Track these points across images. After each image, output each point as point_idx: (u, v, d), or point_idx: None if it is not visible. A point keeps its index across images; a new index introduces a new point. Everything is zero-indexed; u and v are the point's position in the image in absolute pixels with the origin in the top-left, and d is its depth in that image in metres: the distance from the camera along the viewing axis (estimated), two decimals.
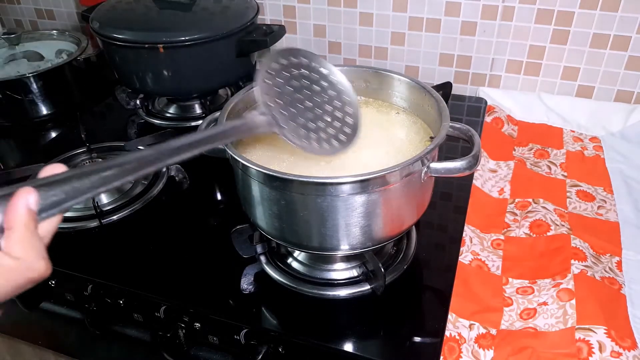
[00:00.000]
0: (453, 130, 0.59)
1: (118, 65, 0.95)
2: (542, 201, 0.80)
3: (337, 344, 0.58)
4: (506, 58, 1.02)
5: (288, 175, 0.51)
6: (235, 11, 0.92)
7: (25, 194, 0.30)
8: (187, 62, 0.90)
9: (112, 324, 0.71)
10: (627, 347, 0.57)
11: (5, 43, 1.14)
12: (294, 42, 1.16)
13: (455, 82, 1.06)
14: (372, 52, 1.11)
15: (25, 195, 0.30)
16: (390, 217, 0.57)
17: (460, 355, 0.60)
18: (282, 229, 0.58)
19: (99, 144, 0.93)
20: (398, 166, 0.51)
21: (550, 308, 0.63)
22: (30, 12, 1.39)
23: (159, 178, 0.84)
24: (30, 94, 1.03)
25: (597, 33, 0.94)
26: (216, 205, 0.83)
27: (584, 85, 1.00)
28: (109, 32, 0.89)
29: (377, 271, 0.61)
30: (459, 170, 0.55)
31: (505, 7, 0.96)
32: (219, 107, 1.01)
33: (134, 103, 1.03)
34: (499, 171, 0.88)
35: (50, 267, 0.31)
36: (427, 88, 0.64)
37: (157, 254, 0.72)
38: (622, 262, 0.70)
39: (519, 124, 1.00)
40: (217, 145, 0.46)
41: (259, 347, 0.60)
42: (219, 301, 0.64)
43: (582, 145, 0.93)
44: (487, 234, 0.76)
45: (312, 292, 0.64)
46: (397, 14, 1.04)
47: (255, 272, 0.67)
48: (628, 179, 0.85)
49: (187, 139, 0.42)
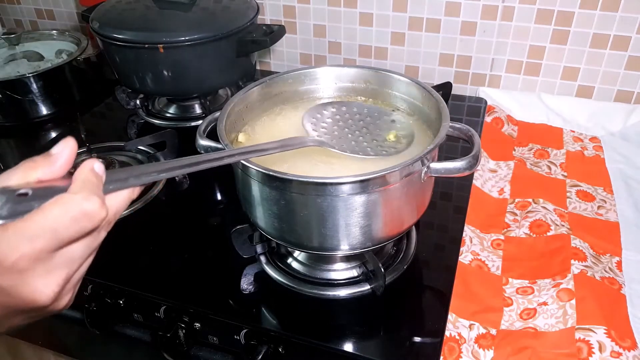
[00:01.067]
0: (453, 130, 0.59)
1: (118, 65, 0.95)
2: (542, 201, 0.80)
3: (337, 344, 0.58)
4: (506, 58, 1.02)
5: (288, 175, 0.51)
6: (235, 11, 0.92)
7: (91, 160, 0.35)
8: (187, 62, 0.90)
9: (112, 324, 0.71)
10: (627, 347, 0.57)
11: (5, 43, 1.14)
12: (294, 42, 1.16)
13: (455, 82, 1.06)
14: (372, 52, 1.11)
15: (90, 161, 0.35)
16: (390, 217, 0.57)
17: (460, 355, 0.60)
18: (282, 229, 0.58)
19: (99, 144, 0.93)
20: (398, 166, 0.51)
21: (550, 308, 0.63)
22: (30, 12, 1.39)
23: None
24: (30, 94, 1.03)
25: (597, 33, 0.94)
26: (216, 205, 0.83)
27: (584, 85, 1.00)
28: (109, 32, 0.89)
29: (377, 271, 0.61)
30: (459, 170, 0.55)
31: (505, 7, 0.96)
32: (219, 107, 1.01)
33: (134, 103, 1.03)
34: (499, 171, 0.88)
35: (106, 209, 0.33)
36: (427, 88, 0.64)
37: (157, 254, 0.72)
38: (622, 262, 0.70)
39: (519, 124, 1.00)
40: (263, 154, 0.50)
41: (259, 347, 0.60)
42: (219, 301, 0.64)
43: (582, 145, 0.93)
44: (487, 234, 0.76)
45: (312, 292, 0.64)
46: (397, 14, 1.04)
47: (255, 272, 0.67)
48: (628, 179, 0.85)
49: (249, 148, 0.48)
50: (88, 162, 0.35)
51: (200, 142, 0.60)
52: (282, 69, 1.20)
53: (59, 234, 0.32)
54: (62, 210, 0.31)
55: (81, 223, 0.32)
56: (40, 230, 0.31)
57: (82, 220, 0.32)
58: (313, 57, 1.17)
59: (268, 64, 1.23)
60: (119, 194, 0.36)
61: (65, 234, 0.32)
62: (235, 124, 0.65)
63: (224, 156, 0.43)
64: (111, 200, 0.35)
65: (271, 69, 1.23)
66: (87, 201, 0.32)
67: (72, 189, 0.33)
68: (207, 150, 0.60)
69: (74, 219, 0.32)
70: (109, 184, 0.35)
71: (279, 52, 1.20)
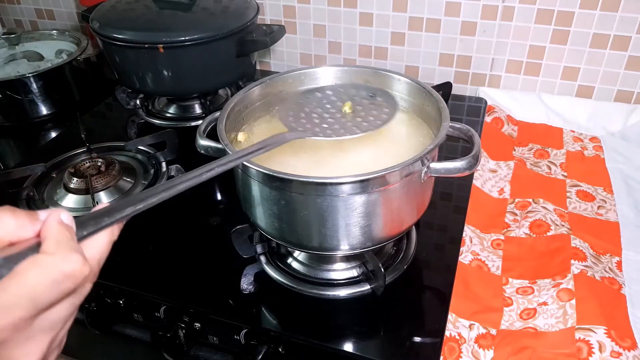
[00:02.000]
0: (453, 130, 0.59)
1: (118, 65, 0.95)
2: (542, 201, 0.80)
3: (337, 344, 0.58)
4: (506, 58, 1.02)
5: (288, 175, 0.51)
6: (235, 11, 0.92)
7: (55, 211, 0.31)
8: (187, 62, 0.90)
9: (112, 324, 0.71)
10: (627, 347, 0.57)
11: (5, 43, 1.14)
12: (294, 42, 1.16)
13: (455, 82, 1.06)
14: (372, 52, 1.11)
15: (55, 213, 0.31)
16: (390, 217, 0.57)
17: (460, 355, 0.60)
18: (282, 229, 0.58)
19: (99, 144, 0.93)
20: (398, 166, 0.51)
21: (550, 308, 0.63)
22: (30, 12, 1.39)
23: (158, 178, 0.84)
24: (30, 94, 1.03)
25: (597, 33, 0.94)
26: (216, 205, 0.83)
27: (584, 85, 1.00)
28: (109, 32, 0.89)
29: (377, 271, 0.61)
30: (459, 170, 0.55)
31: (505, 7, 0.96)
32: (219, 107, 1.01)
33: (134, 103, 1.03)
34: (499, 171, 0.88)
35: (89, 265, 0.30)
36: (427, 88, 0.64)
37: (157, 254, 0.72)
38: (622, 262, 0.70)
39: (519, 124, 1.00)
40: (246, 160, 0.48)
41: (259, 347, 0.60)
42: (219, 301, 0.64)
43: (582, 145, 0.93)
44: (487, 234, 0.76)
45: (312, 292, 0.64)
46: (397, 14, 1.04)
47: (255, 272, 0.67)
48: (628, 179, 0.85)
49: (231, 156, 0.45)
50: (53, 214, 0.31)
51: (200, 142, 0.60)
52: (282, 69, 1.20)
53: (38, 301, 0.28)
54: (39, 274, 0.28)
55: (62, 286, 0.29)
56: (16, 298, 0.28)
57: (63, 282, 0.29)
58: (313, 57, 1.17)
59: (268, 64, 1.23)
60: (96, 239, 0.33)
61: (45, 300, 0.29)
62: (235, 124, 0.65)
63: (202, 172, 0.41)
64: (90, 250, 0.32)
65: (271, 69, 1.23)
66: (67, 261, 0.29)
67: (46, 248, 0.29)
68: (207, 150, 0.60)
69: (55, 282, 0.29)
70: (81, 230, 0.32)
71: (279, 52, 1.20)
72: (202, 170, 0.41)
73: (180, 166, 0.86)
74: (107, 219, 0.33)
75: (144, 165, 0.88)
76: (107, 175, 0.81)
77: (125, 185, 0.83)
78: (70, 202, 0.80)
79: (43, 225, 0.31)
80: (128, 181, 0.84)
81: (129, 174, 0.85)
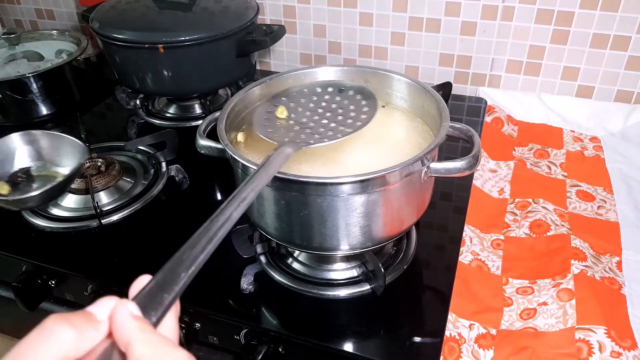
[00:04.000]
0: (453, 130, 0.59)
1: (118, 65, 0.95)
2: (542, 201, 0.80)
3: (337, 344, 0.58)
4: (506, 58, 1.02)
5: (288, 175, 0.51)
6: (235, 11, 0.92)
7: (120, 305, 0.26)
8: (187, 62, 0.90)
9: None
10: (627, 347, 0.57)
11: (5, 43, 1.14)
12: (294, 42, 1.16)
13: (455, 82, 1.06)
14: (372, 52, 1.11)
15: (119, 307, 0.26)
16: (390, 217, 0.57)
17: (460, 355, 0.60)
18: (282, 229, 0.58)
19: (99, 144, 0.93)
20: (398, 166, 0.51)
21: (550, 308, 0.63)
22: (30, 12, 1.39)
23: (159, 178, 0.84)
24: (30, 94, 1.03)
25: (597, 33, 0.94)
26: (216, 205, 0.83)
27: (584, 85, 1.00)
28: (109, 32, 0.89)
29: (377, 271, 0.61)
30: (459, 170, 0.55)
31: (505, 7, 0.96)
32: (219, 107, 1.01)
33: (134, 103, 1.03)
34: (499, 171, 0.88)
35: (182, 351, 0.26)
36: (427, 88, 0.64)
37: (157, 254, 0.72)
38: (622, 262, 0.70)
39: (519, 124, 1.00)
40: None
41: (259, 347, 0.60)
42: (219, 301, 0.64)
43: (582, 145, 0.93)
44: (487, 234, 0.76)
45: (312, 292, 0.64)
46: (397, 14, 1.04)
47: (255, 272, 0.67)
48: (628, 179, 0.85)
49: (249, 189, 0.44)
50: (119, 309, 0.26)
51: (200, 142, 0.60)
52: (282, 69, 1.20)
53: None
54: None
55: None
56: None
57: None
58: (313, 57, 1.17)
59: (268, 64, 1.23)
60: (167, 321, 0.29)
61: None
62: (235, 124, 0.65)
63: (224, 220, 0.39)
64: (170, 336, 0.28)
65: (271, 69, 1.23)
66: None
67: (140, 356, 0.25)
68: (207, 149, 0.60)
69: None
70: (150, 316, 0.27)
71: (279, 52, 1.20)
72: (224, 219, 0.39)
73: (180, 166, 0.86)
74: (167, 295, 0.29)
75: (144, 165, 0.88)
76: (107, 175, 0.81)
77: (125, 185, 0.83)
78: (71, 202, 0.80)
79: (116, 327, 0.26)
80: (128, 181, 0.84)
81: (129, 174, 0.85)
